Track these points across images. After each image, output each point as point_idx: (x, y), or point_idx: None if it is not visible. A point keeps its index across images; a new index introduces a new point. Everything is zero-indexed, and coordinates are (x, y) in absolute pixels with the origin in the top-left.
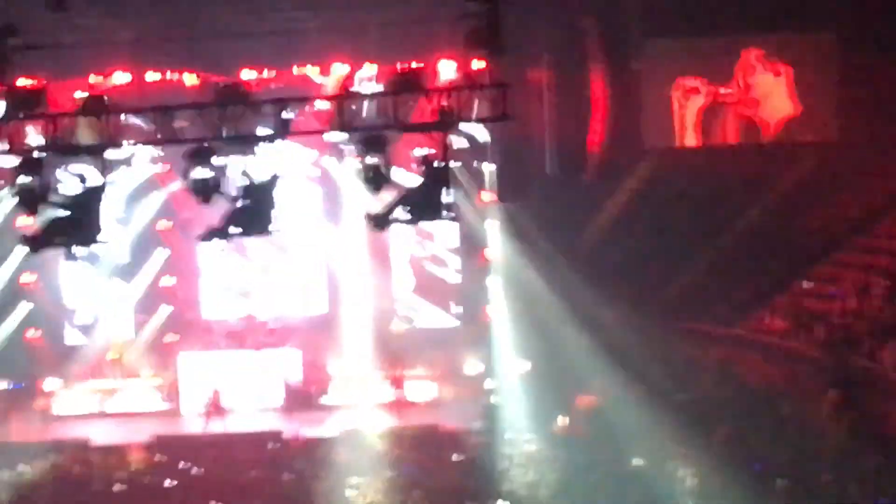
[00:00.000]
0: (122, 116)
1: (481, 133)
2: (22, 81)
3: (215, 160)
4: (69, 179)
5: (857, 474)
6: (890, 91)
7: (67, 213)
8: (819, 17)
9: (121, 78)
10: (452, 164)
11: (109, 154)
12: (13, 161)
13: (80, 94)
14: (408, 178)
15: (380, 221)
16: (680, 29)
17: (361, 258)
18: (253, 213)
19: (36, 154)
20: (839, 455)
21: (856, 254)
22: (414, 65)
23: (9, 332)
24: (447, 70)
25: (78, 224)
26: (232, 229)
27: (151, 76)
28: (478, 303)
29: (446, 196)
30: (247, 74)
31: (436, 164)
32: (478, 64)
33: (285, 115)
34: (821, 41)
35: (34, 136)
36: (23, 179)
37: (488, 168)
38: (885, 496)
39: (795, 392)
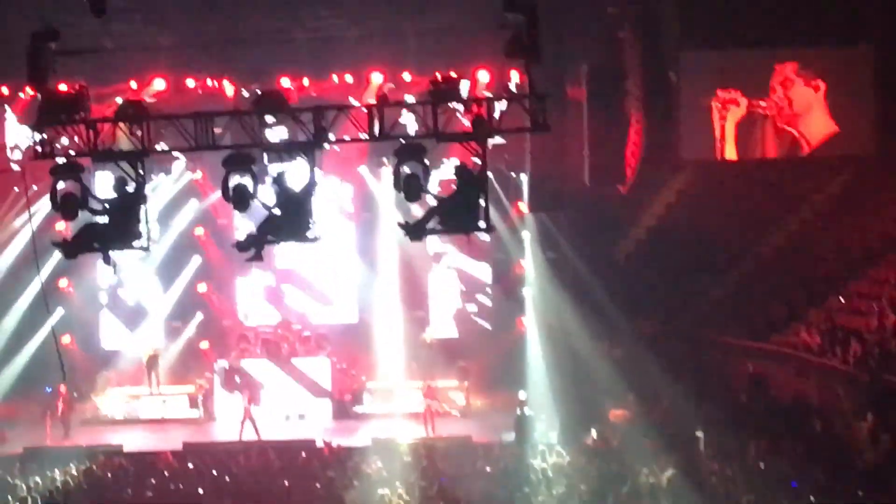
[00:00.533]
0: (161, 123)
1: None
2: (62, 86)
3: (253, 167)
4: (107, 185)
5: (893, 498)
6: None
7: (105, 218)
8: (855, 30)
9: (160, 84)
10: (488, 174)
11: (147, 160)
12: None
13: (119, 100)
14: (444, 187)
15: (415, 231)
16: (717, 41)
17: (396, 266)
18: (289, 221)
19: (75, 159)
20: (875, 477)
21: (892, 270)
22: (451, 74)
23: (44, 338)
24: (484, 79)
25: (115, 229)
26: (268, 237)
27: (190, 83)
28: (512, 313)
29: (482, 206)
30: (285, 82)
31: (472, 173)
32: (515, 74)
33: (323, 122)
34: (857, 55)
35: (73, 141)
36: (61, 185)
37: (524, 178)
38: None
39: (829, 409)
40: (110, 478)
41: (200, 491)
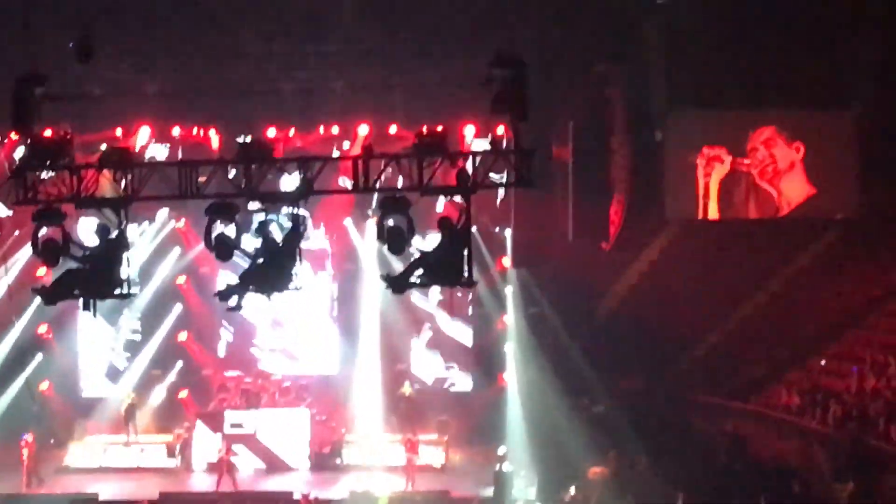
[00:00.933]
0: (145, 170)
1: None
2: (47, 132)
3: (236, 217)
4: (90, 232)
5: None
6: None
7: (86, 265)
8: (837, 94)
9: (146, 132)
10: (472, 228)
11: (131, 207)
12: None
13: (104, 147)
14: (428, 240)
15: (398, 283)
16: (703, 101)
17: (378, 319)
18: (272, 271)
19: (58, 205)
20: None
21: (872, 332)
22: (437, 128)
23: (22, 384)
24: (471, 134)
25: (96, 276)
26: (251, 287)
27: (176, 131)
28: (493, 368)
29: (465, 260)
30: (271, 132)
31: (455, 227)
32: (501, 129)
33: (308, 173)
34: (838, 119)
35: (57, 187)
36: (44, 230)
37: (508, 233)
38: None
39: (808, 470)
40: None
41: None
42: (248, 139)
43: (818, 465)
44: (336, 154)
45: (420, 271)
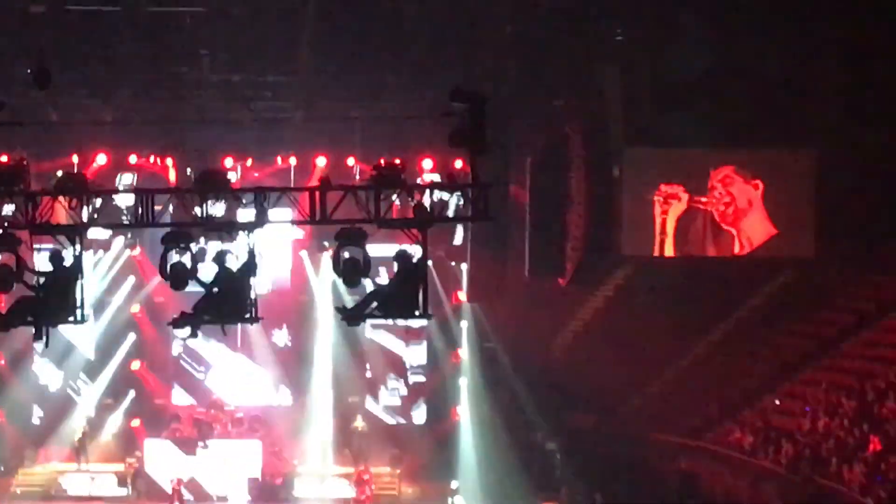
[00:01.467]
0: (101, 198)
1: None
2: (2, 158)
3: (192, 246)
4: (43, 259)
5: None
6: (867, 210)
7: (40, 292)
8: (797, 134)
9: (102, 159)
10: (428, 262)
11: (86, 235)
12: None
13: (60, 174)
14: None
15: (352, 316)
16: (660, 139)
17: (331, 352)
18: (227, 301)
19: (12, 231)
20: None
21: (825, 372)
22: (395, 161)
23: None
24: (428, 167)
25: (50, 304)
26: (205, 317)
27: (133, 159)
28: (446, 403)
29: (420, 294)
30: (228, 162)
31: (411, 260)
32: (459, 163)
33: (264, 204)
34: (797, 159)
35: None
36: None
37: (464, 267)
38: None
39: None
40: None
41: None
42: (204, 169)
43: None
44: (293, 185)
45: (375, 304)
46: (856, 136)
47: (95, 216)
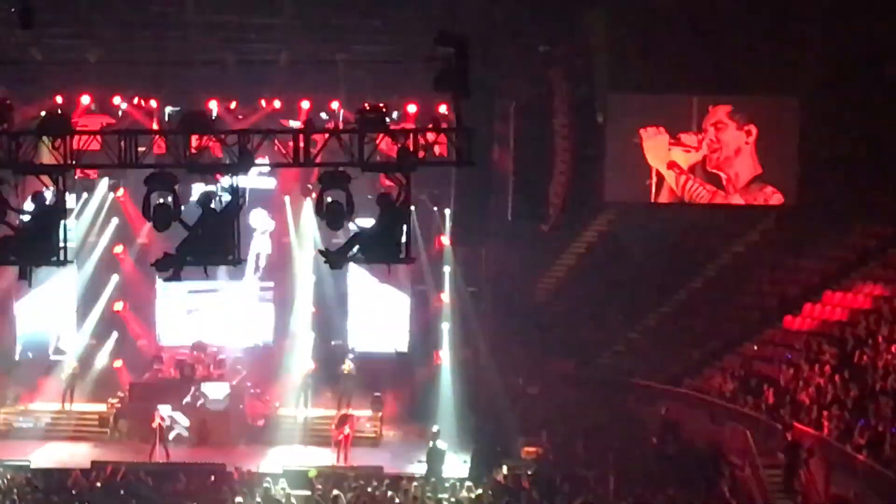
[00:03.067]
0: (85, 138)
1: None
2: None
3: (175, 187)
4: (28, 198)
5: None
6: (848, 157)
7: (24, 231)
8: (783, 82)
9: (86, 100)
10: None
11: (69, 175)
12: None
13: (43, 114)
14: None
15: (335, 258)
16: (648, 84)
17: (312, 293)
18: (211, 242)
19: None
20: None
21: (807, 320)
22: (379, 104)
23: None
24: (412, 110)
25: (34, 243)
26: (188, 259)
27: (117, 100)
28: (429, 346)
29: (403, 237)
30: (213, 104)
31: (394, 204)
32: (443, 107)
33: (249, 146)
34: (784, 105)
35: None
36: None
37: (447, 211)
38: None
39: (740, 455)
40: (16, 493)
41: None
42: (187, 110)
43: (750, 450)
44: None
45: (358, 247)
46: (838, 84)
47: (78, 156)
